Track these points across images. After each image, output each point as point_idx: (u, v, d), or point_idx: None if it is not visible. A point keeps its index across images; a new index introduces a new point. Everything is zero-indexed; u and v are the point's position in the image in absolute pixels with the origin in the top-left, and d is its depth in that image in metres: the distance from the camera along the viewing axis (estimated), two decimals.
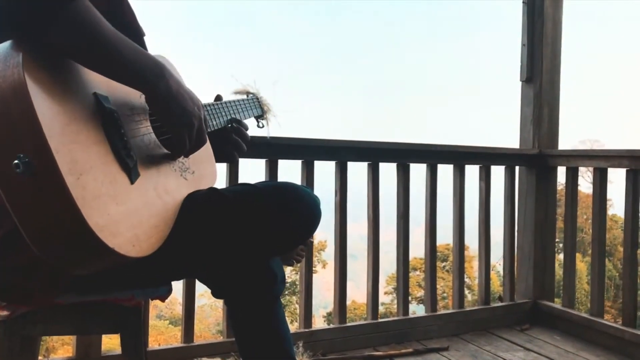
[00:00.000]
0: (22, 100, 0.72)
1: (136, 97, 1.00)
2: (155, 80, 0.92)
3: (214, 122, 1.26)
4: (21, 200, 0.73)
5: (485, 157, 2.65)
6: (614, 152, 2.40)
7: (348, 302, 2.43)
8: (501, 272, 2.91)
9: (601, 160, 2.45)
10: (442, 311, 2.57)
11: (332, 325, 2.31)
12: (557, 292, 3.09)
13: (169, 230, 0.95)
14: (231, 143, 1.35)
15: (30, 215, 0.74)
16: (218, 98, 1.39)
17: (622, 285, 2.42)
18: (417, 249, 3.20)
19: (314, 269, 2.33)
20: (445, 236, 2.83)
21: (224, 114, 1.30)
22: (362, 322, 2.38)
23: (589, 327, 2.45)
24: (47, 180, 0.72)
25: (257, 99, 1.47)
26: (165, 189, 0.99)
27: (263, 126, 1.52)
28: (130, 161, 0.89)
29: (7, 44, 0.76)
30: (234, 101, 1.38)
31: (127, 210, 0.85)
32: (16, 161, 0.71)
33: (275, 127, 1.56)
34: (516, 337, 2.51)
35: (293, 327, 1.98)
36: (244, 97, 1.44)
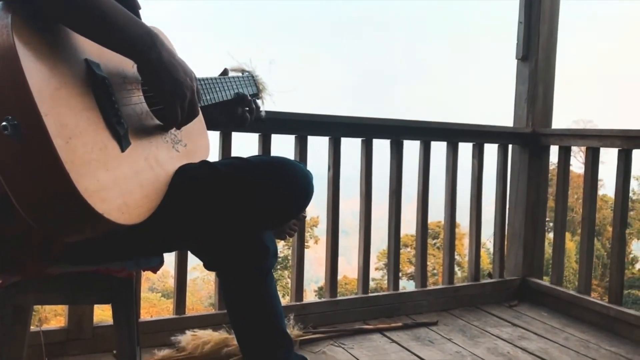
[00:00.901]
0: (11, 63, 0.71)
1: (128, 66, 0.99)
2: (147, 49, 0.92)
3: (208, 97, 1.25)
4: (9, 164, 0.73)
5: (479, 134, 2.66)
6: (607, 131, 2.40)
7: (339, 277, 2.45)
8: (491, 250, 2.95)
9: (594, 140, 2.46)
10: (432, 287, 2.60)
11: (323, 299, 2.34)
12: (546, 270, 3.14)
13: (159, 200, 0.95)
14: (239, 112, 1.36)
15: (18, 179, 0.73)
16: (225, 72, 1.40)
17: (610, 263, 2.45)
18: (408, 226, 3.23)
19: (306, 244, 2.35)
20: (436, 214, 2.85)
21: (218, 89, 1.29)
22: (353, 296, 2.40)
23: (576, 304, 2.49)
24: (35, 143, 0.72)
25: (253, 77, 1.46)
26: (156, 160, 0.99)
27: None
28: (121, 129, 0.89)
29: None
30: (229, 77, 1.37)
31: (117, 177, 0.85)
32: (4, 123, 0.70)
33: (270, 103, 1.56)
34: (504, 313, 2.55)
35: (285, 300, 2.00)
36: (239, 74, 1.43)
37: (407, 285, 2.76)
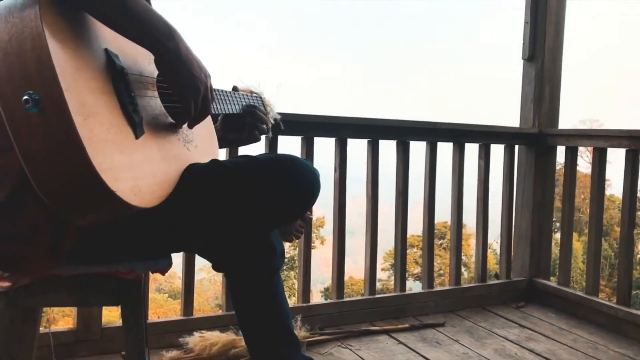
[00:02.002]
0: (37, 40, 0.75)
1: (145, 63, 1.02)
2: (165, 39, 0.94)
3: (219, 107, 1.28)
4: (27, 141, 0.75)
5: (485, 135, 2.65)
6: (614, 132, 2.39)
7: (345, 278, 2.45)
8: (498, 251, 2.94)
9: (600, 140, 2.45)
10: (439, 287, 2.59)
11: (329, 300, 2.34)
12: (553, 270, 3.13)
13: (169, 190, 0.97)
14: (247, 126, 1.40)
15: (35, 155, 0.76)
16: (234, 89, 1.43)
17: (618, 263, 2.44)
18: (414, 227, 3.22)
19: (312, 244, 2.35)
20: (442, 214, 2.84)
21: (229, 101, 1.32)
22: (360, 297, 2.41)
23: (584, 305, 2.48)
24: (55, 117, 0.74)
25: (261, 98, 1.49)
26: (168, 153, 1.01)
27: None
28: (136, 116, 0.91)
29: None
30: (239, 94, 1.41)
31: (131, 160, 0.87)
32: (26, 97, 0.73)
33: (276, 102, 1.58)
34: (511, 314, 2.54)
35: (291, 301, 2.00)
36: (248, 94, 1.46)
37: (413, 286, 2.76)
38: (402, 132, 2.41)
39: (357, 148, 2.39)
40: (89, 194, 0.79)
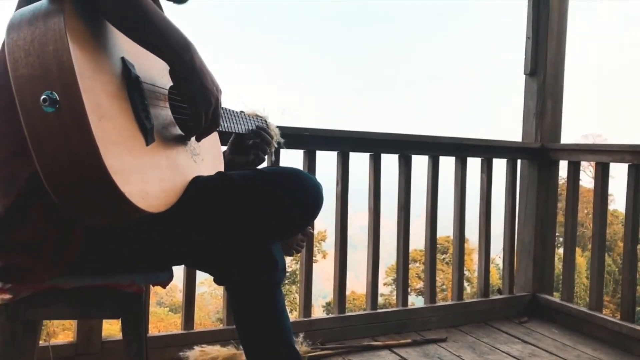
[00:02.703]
0: (59, 42, 0.77)
1: (159, 75, 1.04)
2: (181, 50, 0.96)
3: (226, 124, 1.30)
4: (43, 138, 0.77)
5: (488, 149, 2.65)
6: (617, 147, 2.39)
7: (347, 293, 2.44)
8: (500, 266, 2.92)
9: (603, 155, 2.45)
10: (441, 303, 2.58)
11: (331, 315, 2.32)
12: (556, 286, 3.11)
13: (175, 198, 0.98)
14: (254, 148, 1.44)
15: (50, 152, 0.77)
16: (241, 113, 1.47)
17: (622, 279, 2.43)
18: (417, 241, 3.21)
19: (314, 258, 2.34)
20: (445, 228, 2.84)
21: (236, 121, 1.36)
22: (362, 312, 2.39)
23: (587, 320, 2.46)
24: (71, 116, 0.77)
25: (266, 122, 1.53)
26: (176, 163, 1.03)
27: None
28: (148, 123, 0.94)
29: None
30: (246, 115, 1.45)
31: (141, 165, 0.89)
32: (44, 96, 0.75)
33: (278, 116, 1.61)
34: (514, 329, 2.52)
35: (292, 316, 1.99)
36: (254, 118, 1.51)
37: (415, 301, 2.74)
38: (404, 145, 2.42)
39: (361, 160, 2.40)
40: (98, 194, 0.80)
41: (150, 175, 0.91)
